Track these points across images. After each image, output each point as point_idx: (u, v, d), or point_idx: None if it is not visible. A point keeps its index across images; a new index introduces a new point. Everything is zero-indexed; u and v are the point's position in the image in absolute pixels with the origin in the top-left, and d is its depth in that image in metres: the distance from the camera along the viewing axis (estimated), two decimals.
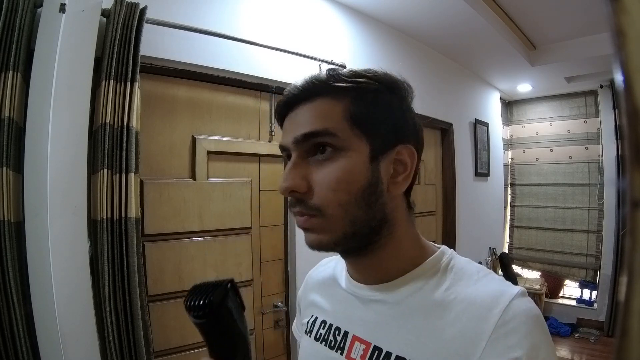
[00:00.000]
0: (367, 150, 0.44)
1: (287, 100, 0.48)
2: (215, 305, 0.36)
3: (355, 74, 0.46)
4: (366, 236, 0.46)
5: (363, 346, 0.49)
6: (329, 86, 0.45)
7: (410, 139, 0.48)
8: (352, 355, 0.49)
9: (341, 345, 0.51)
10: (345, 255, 0.52)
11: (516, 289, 0.43)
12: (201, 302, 0.36)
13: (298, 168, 0.45)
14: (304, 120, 0.45)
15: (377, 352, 0.47)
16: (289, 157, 0.48)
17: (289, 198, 0.46)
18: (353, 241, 0.46)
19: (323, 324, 0.56)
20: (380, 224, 0.46)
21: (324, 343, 0.54)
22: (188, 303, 0.36)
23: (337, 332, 0.53)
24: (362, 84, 0.46)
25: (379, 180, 0.45)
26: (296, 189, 0.44)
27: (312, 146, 0.45)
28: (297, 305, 0.69)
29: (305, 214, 0.45)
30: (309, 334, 0.58)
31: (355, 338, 0.50)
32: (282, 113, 0.49)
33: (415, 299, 0.47)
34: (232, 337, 0.39)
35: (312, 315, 0.60)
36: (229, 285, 0.38)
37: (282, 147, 0.48)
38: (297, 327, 0.68)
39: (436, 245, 0.54)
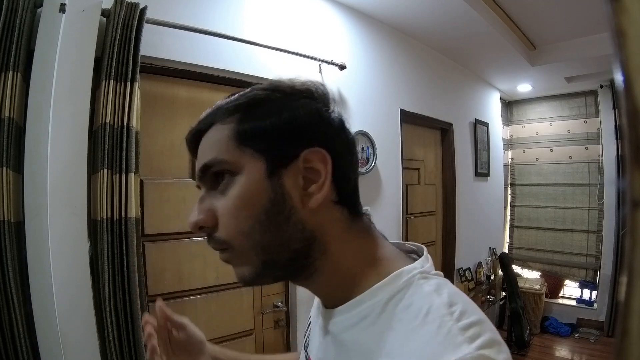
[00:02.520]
0: (262, 166, 0.39)
1: (190, 138, 0.45)
2: None
3: (244, 92, 0.43)
4: (293, 262, 0.41)
5: None
6: (220, 111, 0.42)
7: (321, 141, 0.41)
8: None
9: None
10: (289, 281, 0.47)
11: (462, 352, 0.31)
12: None
13: (204, 201, 0.42)
14: (201, 152, 0.43)
15: None
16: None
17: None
18: (279, 270, 0.42)
19: (304, 350, 0.55)
20: (307, 245, 0.40)
21: None
22: None
23: (307, 353, 0.52)
24: (249, 98, 0.42)
25: (284, 197, 0.39)
26: (202, 223, 0.41)
27: (211, 177, 0.41)
28: None
29: (218, 248, 0.42)
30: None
31: None
32: (192, 149, 0.45)
33: (349, 337, 0.40)
34: None
35: (305, 333, 0.60)
36: None
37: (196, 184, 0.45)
38: None
39: (412, 256, 0.46)
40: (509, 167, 4.30)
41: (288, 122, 0.40)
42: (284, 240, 0.39)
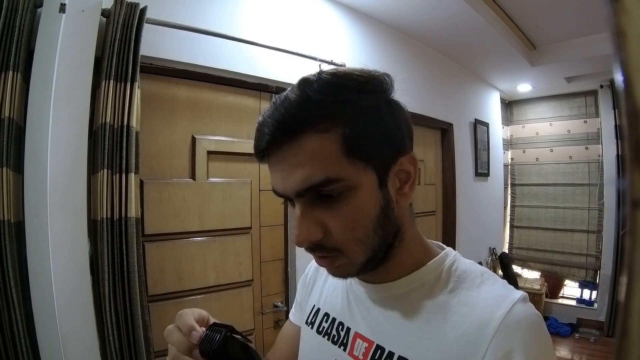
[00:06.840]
0: (374, 178, 0.41)
1: (265, 146, 0.41)
2: (218, 354, 0.43)
3: (332, 89, 0.39)
4: (384, 253, 0.46)
5: (365, 344, 0.48)
6: (310, 117, 0.39)
7: (407, 144, 0.45)
8: (354, 352, 0.49)
9: (344, 342, 0.51)
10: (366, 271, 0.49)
11: (518, 293, 0.43)
12: (207, 350, 0.43)
13: (309, 217, 0.41)
14: (296, 166, 0.39)
15: (379, 351, 0.46)
16: (289, 200, 0.44)
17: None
18: (374, 262, 0.45)
19: (326, 317, 0.56)
20: (395, 237, 0.46)
21: (326, 337, 0.54)
22: (200, 347, 0.44)
23: (340, 327, 0.53)
24: (347, 103, 0.40)
25: (389, 201, 0.43)
26: (313, 238, 0.42)
27: (315, 193, 0.40)
28: (298, 290, 0.69)
29: (327, 256, 0.44)
30: (310, 325, 0.58)
31: (357, 335, 0.50)
32: (263, 154, 0.43)
33: (418, 300, 0.46)
34: None
35: (314, 306, 0.60)
36: (228, 334, 0.44)
37: (279, 194, 0.44)
38: (296, 313, 0.68)
39: (441, 245, 0.53)
40: (509, 167, 4.30)
41: (392, 129, 0.42)
42: (386, 237, 0.44)
